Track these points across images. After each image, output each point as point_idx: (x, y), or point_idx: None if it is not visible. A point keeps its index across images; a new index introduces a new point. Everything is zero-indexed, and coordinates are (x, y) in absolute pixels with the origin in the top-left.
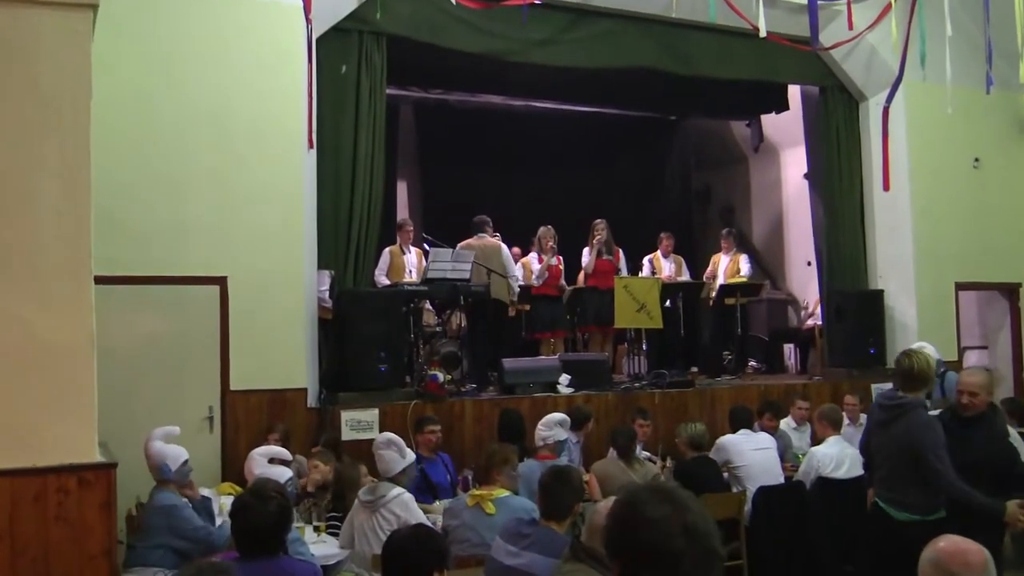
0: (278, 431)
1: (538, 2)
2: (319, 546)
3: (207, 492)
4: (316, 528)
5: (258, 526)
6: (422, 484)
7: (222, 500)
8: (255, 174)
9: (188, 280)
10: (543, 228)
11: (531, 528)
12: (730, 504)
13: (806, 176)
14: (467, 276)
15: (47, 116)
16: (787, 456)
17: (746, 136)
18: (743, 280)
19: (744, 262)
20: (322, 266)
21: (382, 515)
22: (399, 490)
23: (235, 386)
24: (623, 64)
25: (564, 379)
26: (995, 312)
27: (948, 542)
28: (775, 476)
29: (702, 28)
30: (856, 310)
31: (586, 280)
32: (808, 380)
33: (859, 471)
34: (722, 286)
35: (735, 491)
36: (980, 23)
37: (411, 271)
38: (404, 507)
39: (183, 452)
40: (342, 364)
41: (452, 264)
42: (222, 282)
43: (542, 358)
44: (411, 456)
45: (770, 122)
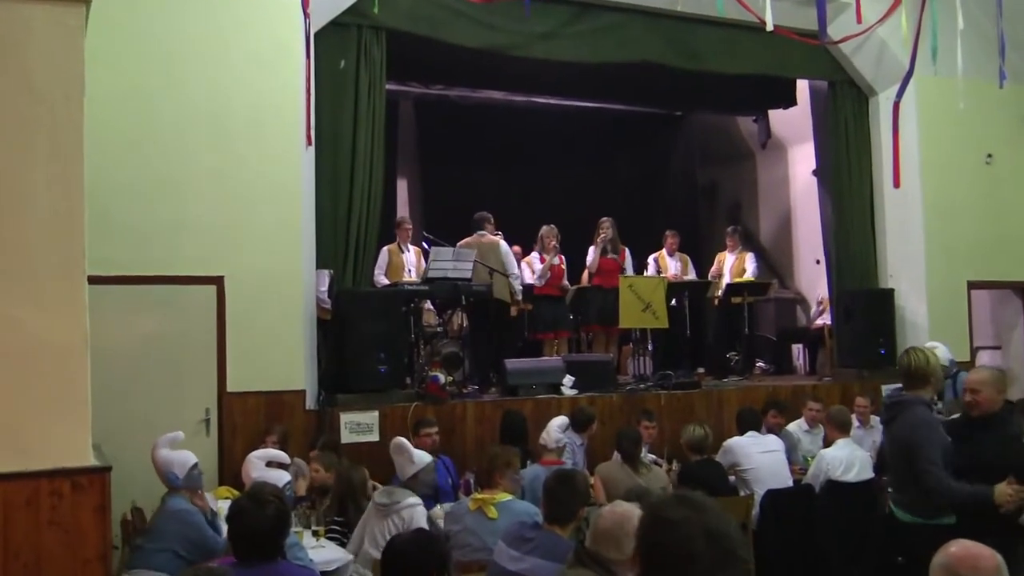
0: (276, 433)
1: None
2: (318, 551)
3: (220, 503)
4: (315, 533)
5: (255, 531)
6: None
7: (219, 504)
8: (253, 171)
9: (184, 280)
10: (545, 227)
11: (534, 532)
12: (737, 508)
13: (815, 173)
14: (468, 275)
15: (39, 113)
16: (793, 458)
17: (753, 132)
18: (750, 280)
19: (750, 261)
20: (321, 265)
21: (393, 521)
22: (416, 501)
23: (232, 388)
24: (627, 58)
25: (568, 380)
26: (1008, 311)
27: (959, 547)
28: (783, 479)
29: (708, 21)
30: (866, 309)
31: (590, 279)
32: (817, 381)
33: (869, 474)
34: (729, 285)
35: (742, 494)
36: (992, 15)
37: (410, 270)
38: (415, 520)
39: (190, 457)
40: (341, 365)
41: (453, 263)
42: (219, 282)
43: (545, 359)
44: (422, 460)
45: (778, 117)
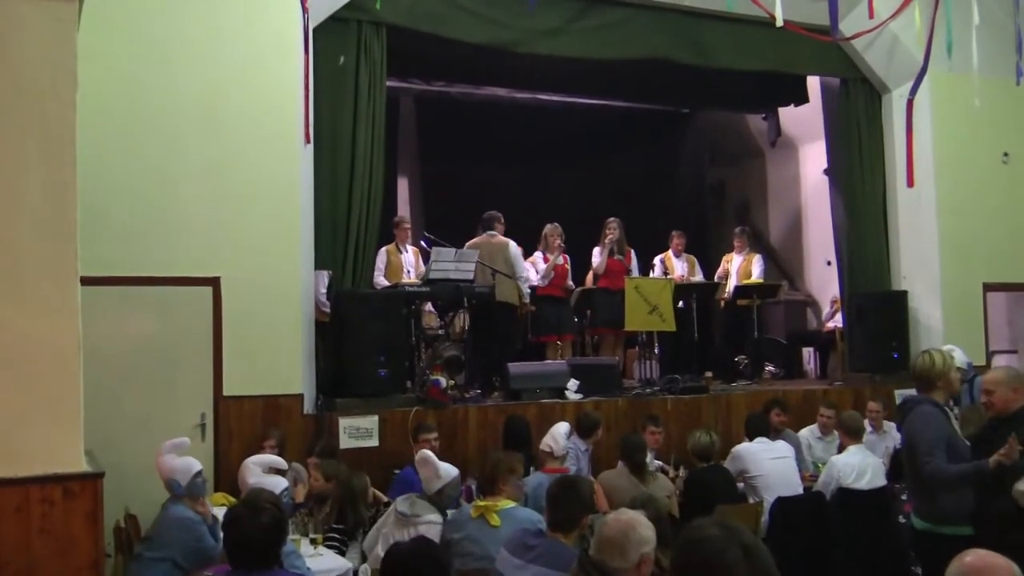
0: (274, 437)
1: None
2: (316, 559)
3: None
4: (313, 541)
5: (251, 538)
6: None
7: (214, 511)
8: (250, 170)
9: (179, 281)
10: (549, 226)
11: (537, 540)
12: (746, 516)
13: (826, 172)
14: (471, 277)
15: (30, 110)
16: (803, 464)
17: (763, 130)
18: (759, 282)
19: (757, 263)
20: (319, 266)
21: (409, 533)
22: (436, 518)
23: (228, 392)
24: (634, 55)
25: (572, 384)
26: None
27: (975, 556)
28: (793, 486)
29: (716, 17)
30: (879, 312)
31: (595, 281)
32: (828, 386)
33: (882, 481)
34: (737, 287)
35: (751, 502)
36: (1009, 10)
37: (408, 271)
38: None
39: (194, 465)
40: (340, 368)
41: (455, 264)
42: (215, 283)
43: (549, 362)
44: (448, 474)
45: (788, 115)
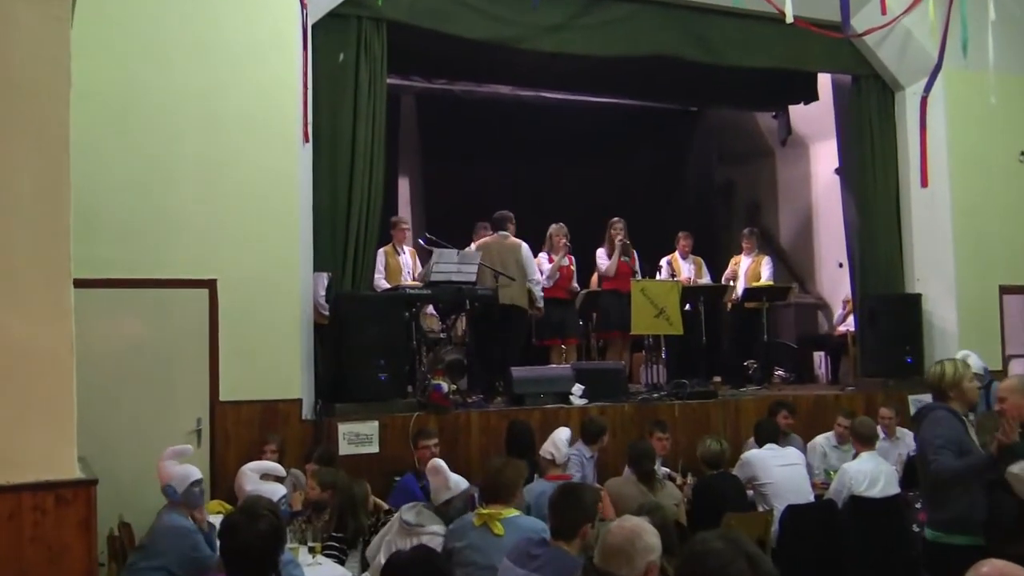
0: (275, 442)
1: None
2: (315, 568)
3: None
4: (311, 549)
5: (248, 546)
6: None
7: (210, 519)
8: (247, 169)
9: (175, 283)
10: (555, 225)
11: (541, 549)
12: (755, 524)
13: (837, 171)
14: (473, 279)
15: (22, 109)
16: (813, 471)
17: (773, 128)
18: (769, 284)
19: (766, 265)
20: (318, 267)
21: (411, 543)
22: (441, 530)
23: (225, 396)
24: (640, 52)
25: (577, 389)
26: None
27: (991, 567)
28: (804, 494)
29: (725, 13)
30: (891, 315)
31: (600, 283)
32: (840, 391)
33: (895, 489)
34: (746, 289)
35: (761, 510)
36: None
37: (406, 273)
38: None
39: (192, 472)
40: (339, 373)
41: (458, 266)
42: (211, 285)
43: (553, 366)
44: (458, 486)
45: (798, 113)
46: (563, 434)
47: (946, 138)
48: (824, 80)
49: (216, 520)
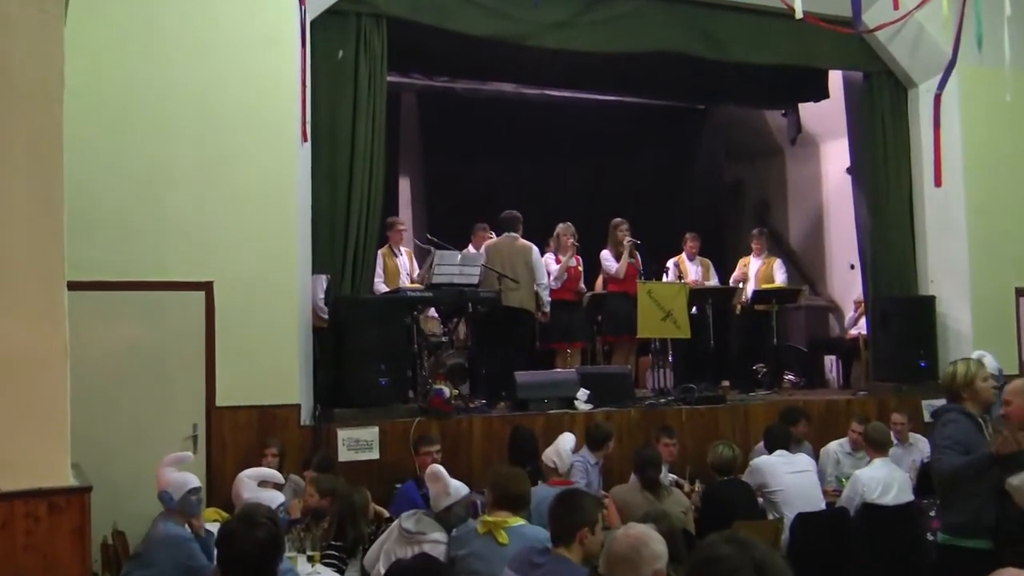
0: (275, 445)
1: None
2: None
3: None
4: (310, 558)
5: (246, 555)
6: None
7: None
8: (244, 169)
9: (170, 285)
10: (562, 225)
11: (543, 557)
12: (765, 532)
13: (849, 170)
14: (475, 281)
15: (14, 108)
16: (824, 478)
17: (782, 127)
18: (779, 286)
19: (779, 268)
20: (317, 269)
21: (412, 551)
22: (442, 537)
23: (221, 402)
24: (646, 48)
25: (582, 394)
26: None
27: None
28: (815, 502)
29: (733, 8)
30: (905, 318)
31: (605, 285)
32: (852, 396)
33: (908, 496)
34: (756, 291)
35: (771, 518)
36: None
37: (404, 275)
38: None
39: (190, 480)
40: (339, 377)
41: (460, 268)
42: (207, 287)
43: (558, 371)
44: (458, 493)
45: (809, 111)
46: (567, 443)
47: (960, 136)
48: (835, 77)
49: (213, 528)
